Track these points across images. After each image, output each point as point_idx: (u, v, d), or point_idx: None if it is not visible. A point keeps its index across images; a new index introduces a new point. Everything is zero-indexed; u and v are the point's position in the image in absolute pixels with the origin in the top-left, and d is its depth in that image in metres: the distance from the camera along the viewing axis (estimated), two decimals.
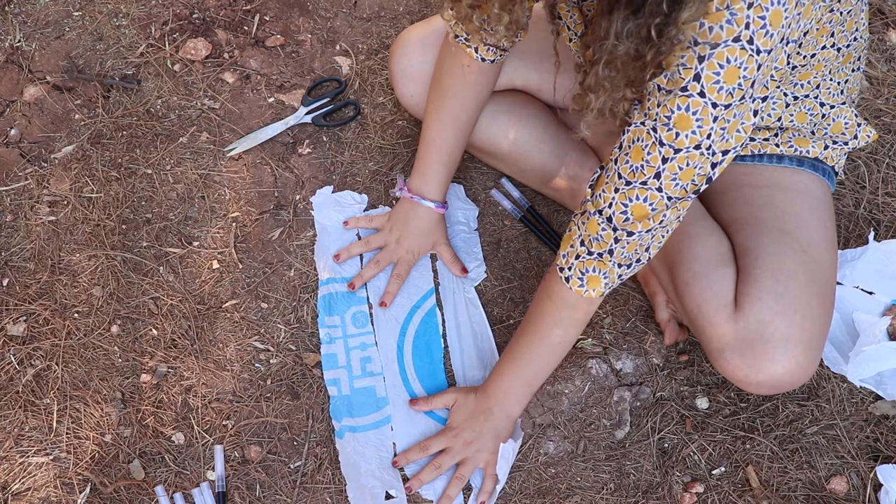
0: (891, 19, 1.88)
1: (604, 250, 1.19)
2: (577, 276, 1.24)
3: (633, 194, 1.12)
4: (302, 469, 1.48)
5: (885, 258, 1.57)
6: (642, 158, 1.09)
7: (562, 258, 1.25)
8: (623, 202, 1.14)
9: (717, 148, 1.06)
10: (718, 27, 0.97)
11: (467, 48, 1.42)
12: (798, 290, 1.28)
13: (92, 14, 1.92)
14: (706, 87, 1.00)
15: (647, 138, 1.08)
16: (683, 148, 1.05)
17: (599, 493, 1.46)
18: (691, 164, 1.07)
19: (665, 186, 1.10)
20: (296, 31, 1.91)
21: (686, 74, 1.00)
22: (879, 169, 1.72)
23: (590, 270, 1.22)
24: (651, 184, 1.10)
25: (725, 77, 0.99)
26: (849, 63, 1.31)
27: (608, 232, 1.17)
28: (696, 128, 1.04)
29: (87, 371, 1.55)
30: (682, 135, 1.04)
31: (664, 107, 1.04)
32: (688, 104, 1.02)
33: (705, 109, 1.02)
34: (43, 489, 1.46)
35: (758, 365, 1.28)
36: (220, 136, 1.78)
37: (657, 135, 1.06)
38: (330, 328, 1.59)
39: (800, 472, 1.47)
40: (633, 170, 1.11)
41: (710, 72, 0.99)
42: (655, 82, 1.04)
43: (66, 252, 1.66)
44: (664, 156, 1.07)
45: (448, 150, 1.54)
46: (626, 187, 1.12)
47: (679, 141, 1.05)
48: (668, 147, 1.06)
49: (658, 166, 1.08)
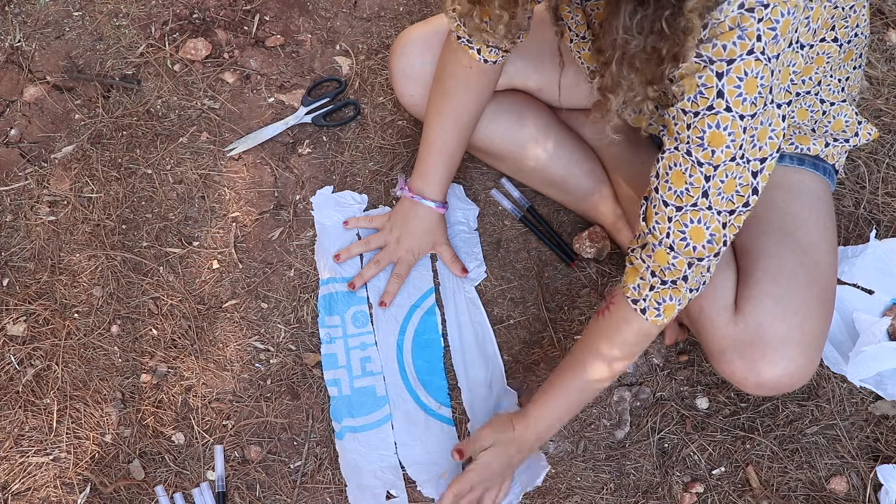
0: (891, 19, 1.88)
1: (678, 277, 1.19)
2: (653, 306, 1.22)
3: (687, 219, 1.13)
4: (302, 469, 1.48)
5: (885, 256, 1.58)
6: (685, 182, 1.11)
7: (633, 290, 1.23)
8: (680, 229, 1.14)
9: (751, 156, 1.08)
10: (731, 44, 1.00)
11: (469, 49, 1.42)
12: (798, 293, 1.29)
13: (92, 14, 1.92)
14: (731, 101, 1.03)
15: (685, 162, 1.10)
16: (721, 163, 1.08)
17: (599, 493, 1.46)
18: (730, 176, 1.09)
19: (714, 203, 1.11)
20: (296, 31, 1.91)
21: (709, 94, 1.03)
22: (879, 169, 1.72)
23: (666, 300, 1.21)
24: (701, 203, 1.12)
25: (746, 89, 1.02)
26: (850, 60, 1.31)
27: (680, 259, 1.17)
28: (730, 142, 1.06)
29: (87, 371, 1.55)
30: (718, 151, 1.07)
31: (695, 128, 1.07)
32: (717, 121, 1.05)
33: (734, 122, 1.04)
34: (43, 489, 1.46)
35: (757, 367, 1.28)
36: (220, 136, 1.78)
37: (693, 157, 1.09)
38: (330, 328, 1.59)
39: (800, 472, 1.47)
40: (679, 195, 1.12)
41: (731, 86, 1.02)
42: (679, 106, 1.06)
43: (66, 252, 1.66)
44: (706, 174, 1.09)
45: (449, 151, 1.54)
46: (678, 213, 1.14)
47: (716, 157, 1.07)
48: (708, 165, 1.08)
49: (703, 186, 1.10)
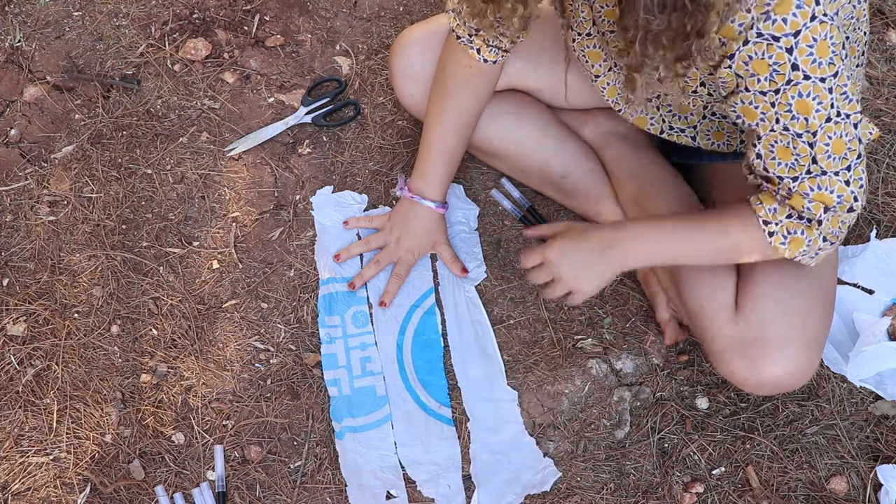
0: (891, 19, 1.88)
1: (813, 218, 1.17)
2: (782, 233, 1.19)
3: (806, 187, 1.13)
4: (302, 469, 1.48)
5: (885, 256, 1.58)
6: (792, 155, 1.12)
7: (768, 212, 1.19)
8: (800, 200, 1.14)
9: (848, 110, 1.09)
10: (791, 15, 1.01)
11: (469, 49, 1.42)
12: (798, 292, 1.29)
13: (92, 14, 1.92)
14: (807, 69, 1.04)
15: (784, 137, 1.11)
16: (818, 128, 1.08)
17: (599, 493, 1.46)
18: (835, 136, 1.09)
19: (827, 167, 1.11)
20: (296, 31, 1.91)
21: (784, 70, 1.04)
22: (879, 169, 1.72)
23: (797, 232, 1.18)
24: (814, 170, 1.12)
25: (819, 53, 1.03)
26: (853, 57, 1.32)
27: (817, 203, 1.15)
28: (819, 105, 1.07)
29: (87, 371, 1.55)
30: (811, 118, 1.08)
31: (780, 104, 1.08)
32: (798, 91, 1.06)
33: (817, 87, 1.05)
34: (43, 489, 1.46)
35: (758, 366, 1.28)
36: (220, 136, 1.78)
37: (791, 131, 1.10)
38: (330, 328, 1.59)
39: (800, 472, 1.47)
40: (791, 166, 1.13)
41: (803, 56, 1.03)
42: (756, 90, 1.07)
43: (66, 252, 1.66)
44: (808, 142, 1.10)
45: (449, 151, 1.54)
46: (795, 183, 1.14)
47: (811, 124, 1.08)
48: (807, 133, 1.09)
49: (809, 153, 1.11)
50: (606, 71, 1.40)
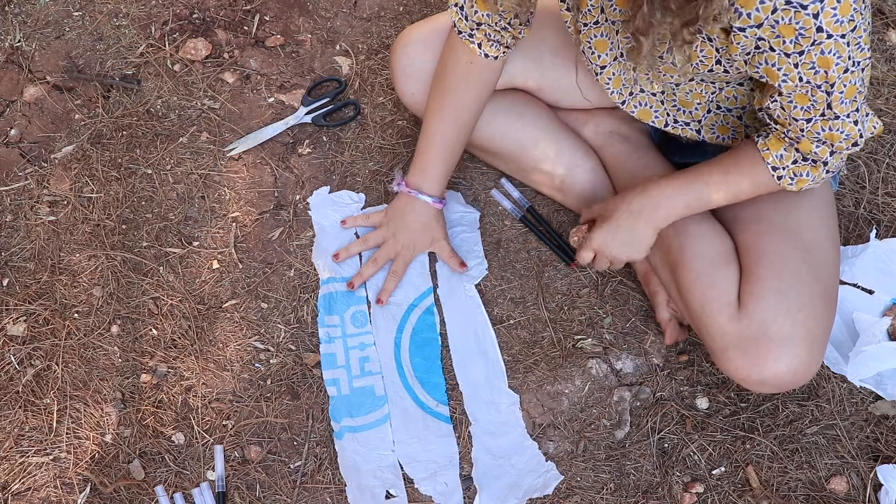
0: (891, 19, 1.88)
1: (819, 160, 1.25)
2: (789, 176, 1.28)
3: (818, 127, 1.19)
4: (302, 469, 1.48)
5: (885, 256, 1.58)
6: (809, 100, 1.17)
7: (776, 158, 1.27)
8: (813, 137, 1.21)
9: (859, 57, 1.13)
10: None
11: (470, 44, 1.42)
12: (801, 289, 1.29)
13: (92, 14, 1.92)
14: (831, 30, 1.07)
15: (803, 87, 1.15)
16: (836, 79, 1.13)
17: (599, 493, 1.46)
18: (849, 84, 1.14)
19: (840, 111, 1.17)
20: (296, 31, 1.91)
21: (809, 34, 1.07)
22: (879, 169, 1.72)
23: (803, 175, 1.27)
24: (828, 114, 1.17)
25: (842, 13, 1.06)
26: None
27: (823, 148, 1.23)
28: (838, 59, 1.10)
29: (87, 371, 1.55)
30: (830, 71, 1.12)
31: (803, 64, 1.12)
32: (821, 49, 1.09)
33: (838, 43, 1.09)
34: (43, 489, 1.46)
35: (761, 363, 1.28)
36: (220, 136, 1.78)
37: (811, 83, 1.14)
38: (329, 327, 1.59)
39: (800, 472, 1.47)
40: (806, 109, 1.18)
41: (828, 19, 1.06)
42: (781, 51, 1.11)
43: (66, 252, 1.66)
44: (826, 91, 1.14)
45: (448, 147, 1.54)
46: (809, 124, 1.19)
47: (830, 76, 1.12)
48: (826, 84, 1.14)
49: (826, 100, 1.16)
50: (612, 61, 1.40)
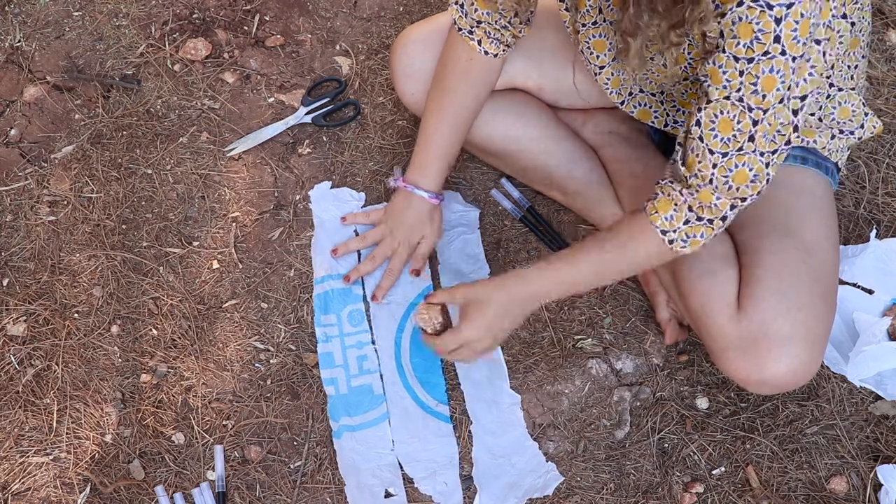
0: (891, 19, 1.88)
1: (716, 217, 1.19)
2: (682, 238, 1.22)
3: (732, 164, 1.14)
4: (302, 469, 1.48)
5: (885, 256, 1.58)
6: (733, 129, 1.11)
7: (664, 221, 1.22)
8: (724, 174, 1.15)
9: (793, 94, 1.09)
10: None
11: (470, 41, 1.42)
12: (801, 290, 1.29)
13: (92, 14, 1.92)
14: (787, 45, 1.03)
15: (733, 109, 1.10)
16: (771, 106, 1.08)
17: (599, 493, 1.46)
18: (778, 118, 1.10)
19: (759, 146, 1.12)
20: (296, 31, 1.91)
21: (766, 39, 1.03)
22: (879, 169, 1.72)
23: (696, 236, 1.22)
24: (747, 147, 1.12)
25: (801, 31, 1.02)
26: (857, 48, 1.32)
27: (724, 201, 1.17)
28: (780, 84, 1.06)
29: (87, 371, 1.55)
30: (769, 95, 1.07)
31: (748, 74, 1.06)
32: (772, 66, 1.05)
33: (786, 65, 1.05)
34: (43, 489, 1.46)
35: (761, 364, 1.28)
36: (220, 136, 1.78)
37: (745, 103, 1.09)
38: (326, 327, 1.59)
39: (800, 472, 1.47)
40: (726, 141, 1.13)
41: (788, 31, 1.02)
42: (731, 53, 1.06)
43: (66, 252, 1.66)
44: (755, 119, 1.09)
45: (446, 144, 1.54)
46: (724, 159, 1.14)
47: (766, 101, 1.08)
48: (758, 110, 1.09)
49: (750, 131, 1.10)
50: (611, 61, 1.40)
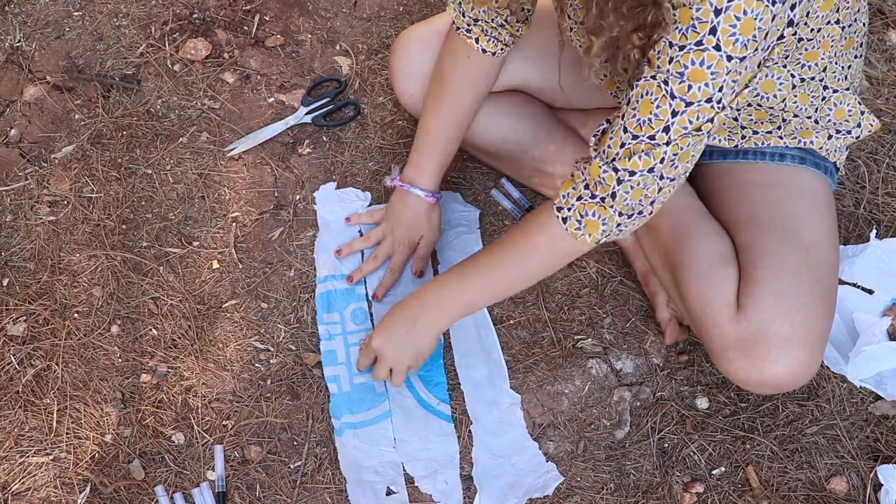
0: (891, 19, 1.88)
1: (606, 194, 1.16)
2: (575, 217, 1.20)
3: (639, 148, 1.11)
4: (302, 469, 1.48)
5: (885, 256, 1.58)
6: (651, 112, 1.08)
7: (561, 198, 1.22)
8: (628, 156, 1.12)
9: (727, 101, 1.06)
10: None
11: (468, 39, 1.43)
12: (800, 290, 1.29)
13: (92, 14, 1.92)
14: (722, 40, 1.00)
15: (658, 91, 1.07)
16: (695, 101, 1.05)
17: (599, 493, 1.46)
18: (701, 117, 1.07)
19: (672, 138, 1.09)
20: (296, 31, 1.91)
21: (702, 28, 1.00)
22: (879, 169, 1.72)
23: (589, 214, 1.19)
24: (659, 138, 1.09)
25: (741, 29, 0.99)
26: (851, 49, 1.31)
27: (610, 174, 1.14)
28: (710, 80, 1.03)
29: (87, 371, 1.55)
30: (695, 87, 1.04)
31: (677, 62, 1.04)
32: (703, 58, 1.02)
33: (720, 63, 1.02)
34: (43, 489, 1.46)
35: (760, 365, 1.28)
36: (220, 136, 1.78)
37: (668, 87, 1.06)
38: (329, 325, 1.59)
39: (800, 472, 1.47)
40: (641, 123, 1.10)
41: (726, 24, 0.99)
42: (668, 38, 1.03)
43: (66, 252, 1.66)
44: (674, 109, 1.06)
45: (444, 143, 1.54)
46: (633, 141, 1.11)
47: (691, 94, 1.05)
48: (680, 100, 1.06)
49: (667, 119, 1.07)
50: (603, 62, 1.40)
